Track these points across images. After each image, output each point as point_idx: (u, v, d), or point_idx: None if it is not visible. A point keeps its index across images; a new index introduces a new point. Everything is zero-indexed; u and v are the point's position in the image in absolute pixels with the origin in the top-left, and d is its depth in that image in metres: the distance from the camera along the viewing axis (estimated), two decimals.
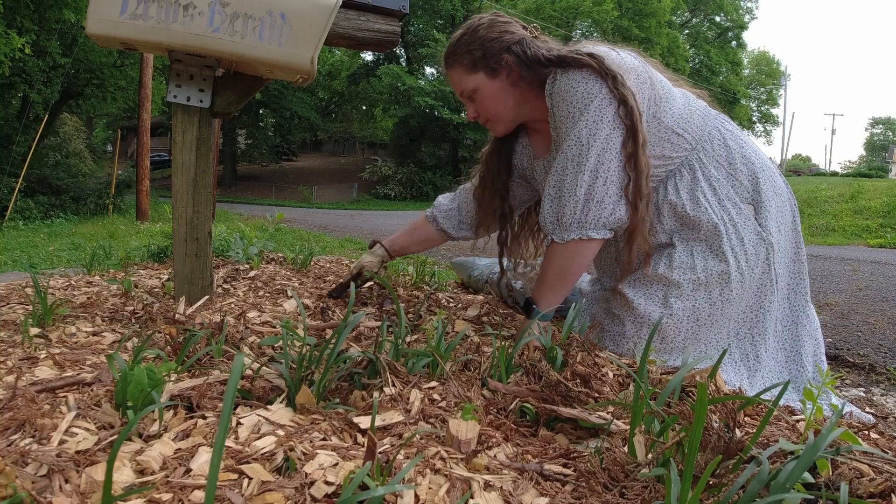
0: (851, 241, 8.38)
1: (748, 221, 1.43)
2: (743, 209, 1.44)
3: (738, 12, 36.03)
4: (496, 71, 1.50)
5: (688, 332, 1.40)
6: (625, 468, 0.71)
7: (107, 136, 34.21)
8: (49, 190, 13.69)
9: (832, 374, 0.99)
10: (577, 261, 1.43)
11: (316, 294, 1.86)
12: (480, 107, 1.56)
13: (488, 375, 1.03)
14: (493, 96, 1.53)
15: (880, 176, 27.97)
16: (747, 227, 1.43)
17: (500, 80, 1.51)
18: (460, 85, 1.56)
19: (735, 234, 1.41)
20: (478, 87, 1.52)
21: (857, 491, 0.70)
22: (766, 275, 1.44)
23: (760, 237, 1.43)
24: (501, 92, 1.53)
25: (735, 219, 1.43)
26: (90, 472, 0.65)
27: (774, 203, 1.48)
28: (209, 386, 0.93)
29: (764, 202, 1.45)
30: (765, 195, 1.46)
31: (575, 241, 1.41)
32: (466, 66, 1.52)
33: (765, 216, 1.45)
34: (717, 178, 1.47)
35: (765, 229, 1.44)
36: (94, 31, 1.34)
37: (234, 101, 1.59)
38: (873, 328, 2.58)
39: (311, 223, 11.39)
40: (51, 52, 13.04)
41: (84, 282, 1.93)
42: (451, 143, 28.34)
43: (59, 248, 6.21)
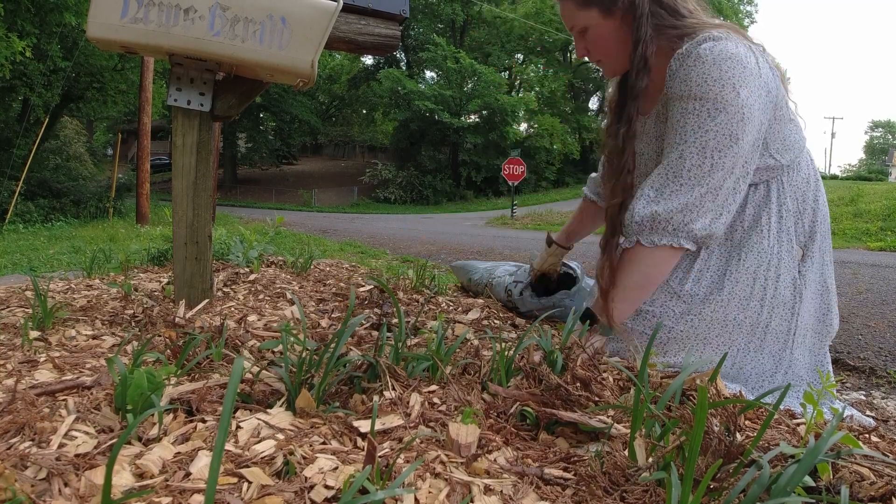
0: (851, 244, 8.38)
1: (792, 263, 1.34)
2: (794, 251, 1.35)
3: (737, 16, 36.09)
4: (611, 11, 1.35)
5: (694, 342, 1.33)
6: (625, 472, 0.71)
7: (107, 140, 34.26)
8: (49, 193, 13.71)
9: (832, 378, 0.99)
10: (661, 269, 1.32)
11: (316, 298, 1.86)
12: (592, 45, 1.42)
13: (488, 379, 1.03)
14: (605, 37, 1.38)
15: (880, 179, 28.01)
16: (788, 270, 1.33)
17: (614, 20, 1.36)
18: (570, 19, 1.41)
19: (774, 270, 1.32)
20: (589, 25, 1.38)
21: (857, 494, 0.70)
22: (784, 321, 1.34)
23: (795, 285, 1.33)
24: (616, 35, 1.38)
25: (783, 255, 1.33)
26: (90, 476, 0.64)
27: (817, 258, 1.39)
28: (209, 389, 0.92)
29: (813, 252, 1.37)
30: (815, 244, 1.37)
31: (665, 248, 1.28)
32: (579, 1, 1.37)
33: (806, 265, 1.36)
34: (788, 209, 1.36)
35: (803, 279, 1.35)
36: (94, 34, 1.34)
37: (234, 104, 1.59)
38: (874, 331, 2.57)
39: (311, 227, 11.40)
40: (51, 56, 13.07)
41: (84, 285, 1.93)
42: (451, 146, 28.37)
43: (59, 252, 6.22)
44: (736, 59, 1.21)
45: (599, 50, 1.42)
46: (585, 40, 1.41)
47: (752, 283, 1.30)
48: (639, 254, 1.30)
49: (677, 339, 1.32)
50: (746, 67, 1.21)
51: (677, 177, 1.26)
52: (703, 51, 1.23)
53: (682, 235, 1.27)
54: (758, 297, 1.30)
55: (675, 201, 1.26)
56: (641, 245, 1.29)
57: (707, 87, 1.21)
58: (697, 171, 1.24)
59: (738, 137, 1.21)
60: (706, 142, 1.22)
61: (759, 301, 1.31)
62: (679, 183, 1.26)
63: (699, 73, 1.22)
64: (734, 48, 1.22)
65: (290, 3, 1.38)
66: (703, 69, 1.22)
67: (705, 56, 1.22)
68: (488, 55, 28.76)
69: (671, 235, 1.27)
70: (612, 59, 1.43)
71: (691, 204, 1.24)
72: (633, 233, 1.31)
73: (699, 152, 1.23)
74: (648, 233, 1.29)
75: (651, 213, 1.27)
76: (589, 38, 1.40)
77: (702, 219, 1.25)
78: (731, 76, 1.20)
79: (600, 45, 1.40)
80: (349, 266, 2.79)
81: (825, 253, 1.42)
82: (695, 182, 1.24)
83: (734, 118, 1.21)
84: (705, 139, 1.22)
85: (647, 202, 1.29)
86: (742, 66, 1.21)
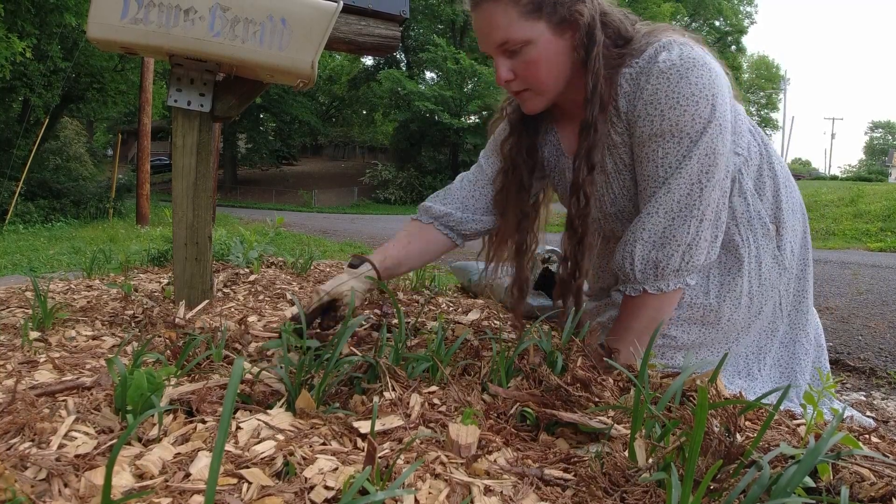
0: (851, 244, 8.39)
1: (769, 244, 1.30)
2: (770, 229, 1.30)
3: (737, 17, 36.14)
4: (564, 27, 1.17)
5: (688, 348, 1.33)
6: (625, 473, 0.71)
7: (107, 140, 34.28)
8: (49, 193, 13.71)
9: (832, 378, 0.99)
10: (668, 311, 1.26)
11: None
12: (525, 68, 1.19)
13: (488, 380, 1.03)
14: (549, 59, 1.18)
15: (880, 180, 28.01)
16: (767, 251, 1.30)
17: (564, 39, 1.18)
18: (506, 31, 1.15)
19: (755, 259, 1.29)
20: (532, 40, 1.16)
21: (857, 495, 0.70)
22: (772, 298, 1.34)
23: (777, 261, 1.31)
24: (561, 55, 1.19)
25: (759, 241, 1.29)
26: (89, 476, 0.64)
27: (791, 221, 1.34)
28: (209, 390, 0.92)
29: (784, 222, 1.32)
30: (785, 213, 1.32)
31: (673, 292, 1.24)
32: (524, 7, 1.14)
33: (783, 237, 1.32)
34: (750, 190, 1.29)
35: (782, 252, 1.31)
36: (94, 35, 1.34)
37: (234, 105, 1.59)
38: (874, 332, 2.57)
39: (311, 227, 11.40)
40: (52, 56, 13.08)
41: (84, 286, 1.93)
42: (451, 147, 28.38)
43: (59, 252, 6.22)
44: (702, 65, 1.12)
45: (535, 74, 1.20)
46: (516, 60, 1.19)
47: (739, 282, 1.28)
48: (646, 301, 1.25)
49: (676, 346, 1.32)
50: (713, 70, 1.14)
51: (669, 212, 1.19)
52: (664, 64, 1.13)
53: (687, 274, 1.23)
54: (746, 292, 1.29)
55: (674, 244, 1.19)
56: (648, 293, 1.24)
57: (682, 110, 1.12)
58: (688, 199, 1.17)
59: (720, 151, 1.16)
60: (692, 169, 1.15)
61: (749, 295, 1.30)
62: (671, 217, 1.19)
63: (668, 92, 1.13)
64: (691, 51, 1.13)
65: (290, 3, 1.38)
66: (671, 86, 1.12)
67: (668, 70, 1.12)
68: (488, 56, 28.74)
69: (677, 277, 1.23)
70: (546, 88, 1.23)
71: (692, 240, 1.19)
72: (639, 281, 1.25)
73: (687, 181, 1.16)
74: (654, 280, 1.23)
75: (654, 261, 1.21)
76: (524, 58, 1.18)
77: (703, 250, 1.22)
78: (702, 86, 1.12)
79: (539, 67, 1.19)
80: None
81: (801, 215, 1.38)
82: (687, 213, 1.18)
83: (714, 133, 1.14)
84: (690, 167, 1.15)
85: (644, 247, 1.22)
86: (708, 69, 1.13)
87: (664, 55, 1.14)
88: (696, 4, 34.28)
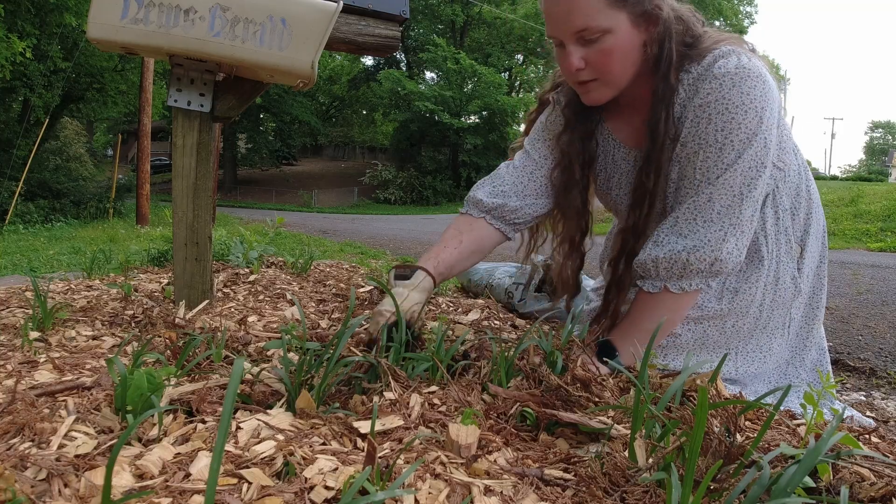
0: (851, 244, 8.38)
1: (791, 263, 1.30)
2: (793, 249, 1.30)
3: (737, 17, 36.13)
4: (643, 19, 1.16)
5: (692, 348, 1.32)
6: (625, 473, 0.71)
7: (107, 141, 34.30)
8: (49, 194, 13.73)
9: (832, 379, 0.99)
10: (682, 313, 1.24)
11: (316, 298, 1.86)
12: (599, 58, 1.17)
13: (488, 380, 1.03)
14: (624, 50, 1.16)
15: (880, 180, 28.01)
16: (787, 270, 1.29)
17: (640, 32, 1.17)
18: (588, 17, 1.13)
19: (774, 274, 1.28)
20: (612, 29, 1.14)
21: (857, 495, 0.70)
22: (782, 318, 1.33)
23: (794, 282, 1.30)
24: (635, 48, 1.18)
25: (783, 257, 1.29)
26: (89, 477, 0.64)
27: (814, 248, 1.34)
28: (209, 390, 0.92)
29: (808, 246, 1.31)
30: (811, 238, 1.32)
31: (694, 292, 1.23)
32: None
33: (804, 261, 1.31)
34: (784, 207, 1.29)
35: (801, 275, 1.31)
36: (94, 35, 1.34)
37: (234, 105, 1.59)
38: (874, 332, 2.57)
39: (311, 227, 11.40)
40: (52, 57, 13.10)
41: (84, 286, 1.93)
42: (451, 147, 28.38)
43: (59, 252, 6.22)
44: (756, 77, 1.12)
45: (608, 65, 1.19)
46: (591, 49, 1.17)
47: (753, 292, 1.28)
48: (665, 299, 1.23)
49: (677, 345, 1.32)
50: (767, 83, 1.13)
51: (707, 221, 1.19)
52: (719, 70, 1.13)
53: (712, 276, 1.22)
54: (757, 303, 1.29)
55: (707, 249, 1.18)
56: (669, 291, 1.22)
57: (730, 116, 1.12)
58: (728, 210, 1.17)
59: (764, 165, 1.16)
60: (734, 180, 1.15)
61: (759, 307, 1.29)
62: (708, 225, 1.19)
63: (719, 97, 1.13)
64: (749, 62, 1.14)
65: (290, 4, 1.38)
66: (722, 92, 1.13)
67: (723, 76, 1.13)
68: (488, 56, 28.75)
69: (700, 279, 1.22)
70: (616, 80, 1.22)
71: (724, 247, 1.18)
72: (661, 278, 1.23)
73: (728, 192, 1.16)
74: (677, 279, 1.22)
75: (683, 262, 1.20)
76: (600, 48, 1.16)
77: (733, 258, 1.20)
78: (753, 98, 1.12)
79: (614, 58, 1.17)
80: (349, 267, 2.79)
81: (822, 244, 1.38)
82: (725, 222, 1.18)
83: (759, 147, 1.14)
84: (733, 178, 1.15)
85: (675, 248, 1.20)
86: (762, 81, 1.13)
87: (721, 62, 1.14)
88: (696, 4, 34.20)
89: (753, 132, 1.13)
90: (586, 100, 1.28)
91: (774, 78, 1.20)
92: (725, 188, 1.16)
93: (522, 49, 30.59)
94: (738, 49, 1.18)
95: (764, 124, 1.13)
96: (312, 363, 0.97)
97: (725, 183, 1.16)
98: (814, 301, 1.40)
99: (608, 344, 1.25)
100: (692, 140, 1.18)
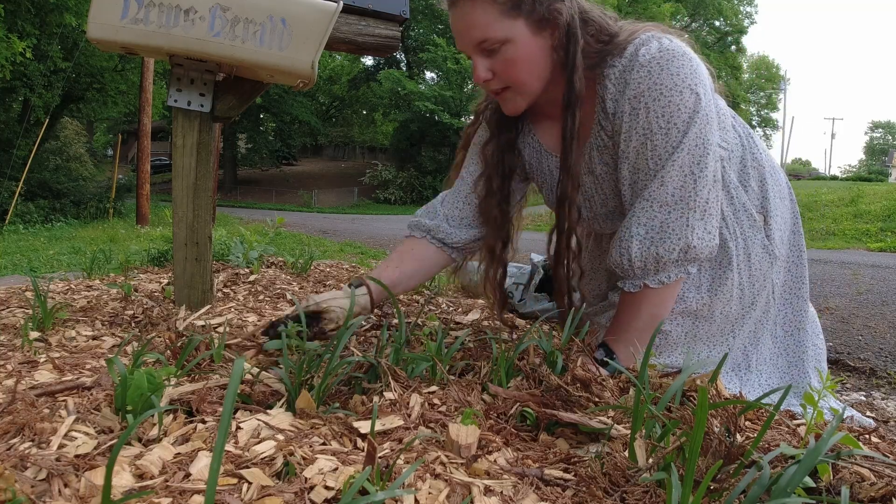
0: (851, 244, 8.38)
1: (757, 234, 1.29)
2: (757, 220, 1.29)
3: (737, 17, 36.12)
4: (543, 25, 1.16)
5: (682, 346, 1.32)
6: (625, 473, 0.71)
7: (107, 141, 34.31)
8: (49, 194, 13.73)
9: (832, 379, 0.99)
10: (668, 306, 1.24)
11: None
12: (504, 67, 1.18)
13: (488, 380, 1.03)
14: (528, 58, 1.17)
15: (880, 180, 28.03)
16: (755, 242, 1.29)
17: (543, 38, 1.17)
18: (484, 29, 1.14)
19: (744, 251, 1.28)
20: (511, 39, 1.15)
21: (857, 495, 0.70)
22: (765, 288, 1.33)
23: (767, 251, 1.29)
24: (540, 55, 1.18)
25: (746, 232, 1.28)
26: (89, 477, 0.64)
27: (779, 209, 1.33)
28: (209, 390, 0.92)
29: (771, 211, 1.31)
30: (772, 202, 1.31)
31: (675, 282, 1.21)
32: (503, 6, 1.13)
33: (771, 226, 1.31)
34: (734, 183, 1.28)
35: (771, 241, 1.30)
36: (95, 35, 1.34)
37: (234, 105, 1.59)
38: (874, 332, 2.57)
39: (311, 227, 11.40)
40: (52, 57, 13.10)
41: (84, 286, 1.93)
42: (451, 147, 28.34)
43: (59, 252, 6.23)
44: (681, 55, 1.11)
45: (514, 73, 1.19)
46: (495, 59, 1.18)
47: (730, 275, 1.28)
48: (648, 296, 1.22)
49: (669, 342, 1.31)
50: (693, 60, 1.13)
51: (664, 206, 1.17)
52: (643, 58, 1.13)
53: (688, 263, 1.21)
54: (737, 284, 1.28)
55: (674, 237, 1.17)
56: (649, 287, 1.22)
57: (667, 100, 1.12)
58: (682, 192, 1.16)
59: (709, 141, 1.15)
60: (683, 160, 1.14)
61: (739, 287, 1.29)
62: (667, 211, 1.18)
63: (650, 84, 1.12)
64: (670, 43, 1.13)
65: (290, 3, 1.38)
66: (652, 79, 1.12)
67: (649, 63, 1.12)
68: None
69: (678, 268, 1.21)
70: (526, 88, 1.22)
71: (690, 231, 1.17)
72: (638, 277, 1.22)
73: (679, 173, 1.15)
74: (654, 274, 1.21)
75: (654, 255, 1.19)
76: (503, 57, 1.17)
77: (704, 241, 1.19)
78: (684, 77, 1.11)
79: (519, 66, 1.18)
80: (349, 267, 2.79)
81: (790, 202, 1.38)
82: (683, 205, 1.16)
83: (702, 123, 1.13)
84: (681, 158, 1.14)
85: (641, 242, 1.20)
86: (689, 59, 1.12)
87: (643, 49, 1.14)
88: (696, 4, 34.28)
89: (693, 110, 1.12)
90: (505, 109, 1.29)
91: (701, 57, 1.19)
92: (676, 169, 1.15)
93: None
94: (657, 33, 1.18)
95: (702, 100, 1.13)
96: (312, 363, 0.97)
97: (675, 164, 1.14)
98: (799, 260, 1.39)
99: (604, 346, 1.25)
100: (636, 133, 1.17)
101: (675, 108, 1.12)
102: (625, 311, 1.27)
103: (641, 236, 1.20)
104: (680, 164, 1.15)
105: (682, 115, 1.13)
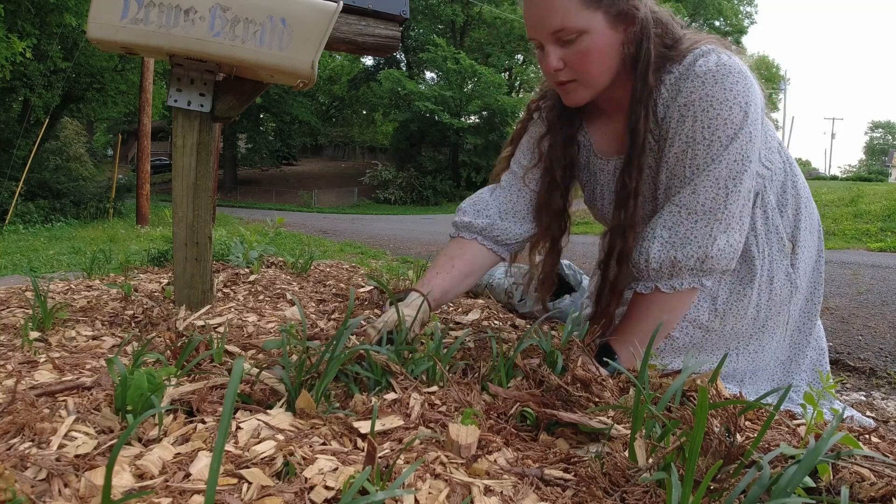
0: (851, 244, 8.38)
1: (784, 260, 1.29)
2: (786, 246, 1.29)
3: (737, 17, 36.12)
4: (619, 20, 1.17)
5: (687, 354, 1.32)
6: (625, 473, 0.71)
7: (107, 141, 34.31)
8: (49, 194, 13.73)
9: (832, 379, 0.99)
10: (680, 312, 1.24)
11: (316, 298, 1.86)
12: (577, 58, 1.18)
13: (488, 380, 1.03)
14: (602, 51, 1.17)
15: (880, 180, 28.01)
16: (780, 267, 1.29)
17: (617, 32, 1.18)
18: (563, 18, 1.14)
19: (768, 272, 1.28)
20: (588, 30, 1.15)
21: (858, 495, 0.70)
22: (780, 314, 1.33)
23: (789, 279, 1.29)
24: (613, 49, 1.18)
25: (774, 255, 1.28)
26: (89, 477, 0.64)
27: (808, 242, 1.34)
28: (209, 390, 0.92)
29: (800, 241, 1.31)
30: (803, 233, 1.31)
31: (687, 291, 1.21)
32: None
33: (798, 256, 1.31)
34: (772, 205, 1.29)
35: (796, 271, 1.30)
36: (95, 35, 1.34)
37: (234, 105, 1.59)
38: (874, 332, 2.57)
39: (311, 227, 11.40)
40: (52, 57, 13.10)
41: (84, 286, 1.93)
42: (451, 147, 28.39)
43: (59, 252, 6.22)
44: (737, 73, 1.13)
45: (586, 65, 1.19)
46: (569, 49, 1.18)
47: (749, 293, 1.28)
48: (657, 300, 1.22)
49: (674, 348, 1.32)
50: (748, 79, 1.14)
51: (692, 213, 1.17)
52: (700, 69, 1.14)
53: (703, 275, 1.20)
54: (754, 304, 1.28)
55: (695, 245, 1.17)
56: (660, 291, 1.21)
57: (715, 113, 1.12)
58: (712, 203, 1.16)
59: (749, 159, 1.15)
60: (719, 172, 1.14)
61: (756, 307, 1.29)
62: (694, 220, 1.17)
63: (702, 95, 1.13)
64: (729, 59, 1.15)
65: (290, 3, 1.38)
66: (705, 90, 1.13)
67: (704, 74, 1.13)
68: (488, 56, 28.76)
69: (692, 277, 1.20)
70: (594, 81, 1.22)
71: (713, 243, 1.17)
72: (651, 279, 1.22)
73: (713, 184, 1.15)
74: (668, 278, 1.21)
75: (670, 259, 1.19)
76: (577, 48, 1.17)
77: (724, 255, 1.19)
78: (736, 94, 1.12)
79: (592, 58, 1.18)
80: (349, 267, 2.79)
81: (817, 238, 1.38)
82: (711, 216, 1.16)
83: (744, 141, 1.14)
84: (718, 170, 1.14)
85: (662, 245, 1.20)
86: (744, 77, 1.13)
87: (702, 61, 1.15)
88: (696, 4, 34.26)
89: (739, 126, 1.13)
90: (566, 100, 1.29)
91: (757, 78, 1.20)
92: (710, 180, 1.15)
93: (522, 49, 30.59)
94: (718, 48, 1.19)
95: (749, 119, 1.13)
96: (312, 363, 0.97)
97: (710, 175, 1.15)
98: (813, 297, 1.40)
99: (607, 346, 1.25)
100: (679, 139, 1.18)
101: (722, 122, 1.13)
102: (633, 311, 1.27)
103: (664, 239, 1.20)
104: (716, 175, 1.15)
105: (727, 129, 1.13)
